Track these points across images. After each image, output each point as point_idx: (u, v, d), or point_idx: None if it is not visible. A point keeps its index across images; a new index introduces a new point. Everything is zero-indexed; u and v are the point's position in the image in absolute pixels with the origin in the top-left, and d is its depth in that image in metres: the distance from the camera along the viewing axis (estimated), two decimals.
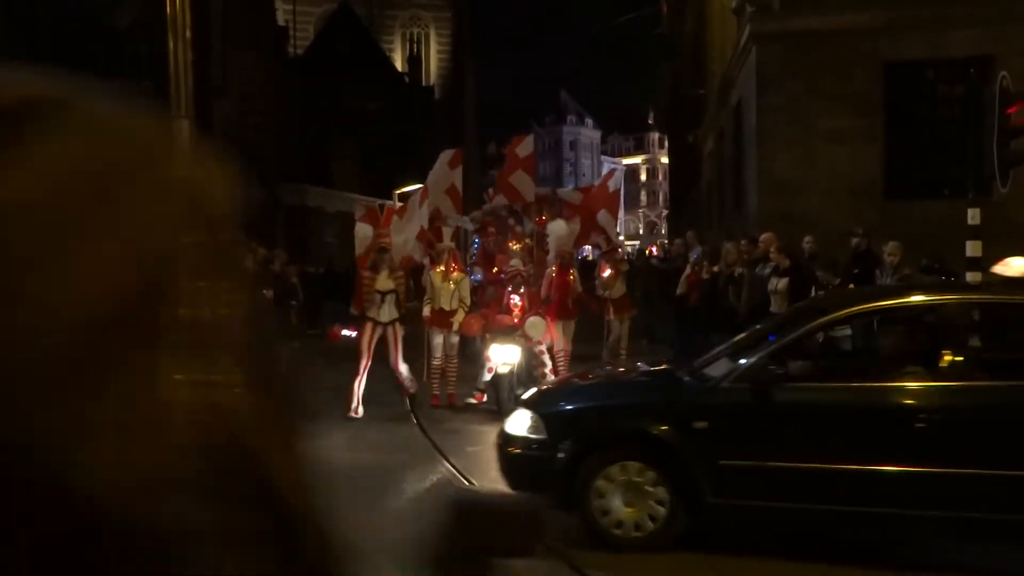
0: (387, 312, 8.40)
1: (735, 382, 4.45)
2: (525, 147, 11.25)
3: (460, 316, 8.78)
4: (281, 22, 38.29)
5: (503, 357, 8.32)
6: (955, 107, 11.59)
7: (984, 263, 8.23)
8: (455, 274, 8.97)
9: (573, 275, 9.83)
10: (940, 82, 12.65)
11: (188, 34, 13.68)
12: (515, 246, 10.04)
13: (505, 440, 4.87)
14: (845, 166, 12.57)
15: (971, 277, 8.29)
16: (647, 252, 31.63)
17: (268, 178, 26.84)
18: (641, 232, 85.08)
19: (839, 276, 8.27)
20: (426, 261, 9.71)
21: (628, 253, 12.49)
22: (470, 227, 11.85)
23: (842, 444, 4.22)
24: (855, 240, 9.26)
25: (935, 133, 12.37)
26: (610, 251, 11.18)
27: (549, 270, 9.61)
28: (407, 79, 43.77)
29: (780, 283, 8.50)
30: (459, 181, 10.96)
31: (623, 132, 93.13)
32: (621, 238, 11.43)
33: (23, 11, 21.66)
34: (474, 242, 11.68)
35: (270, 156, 27.47)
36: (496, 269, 10.48)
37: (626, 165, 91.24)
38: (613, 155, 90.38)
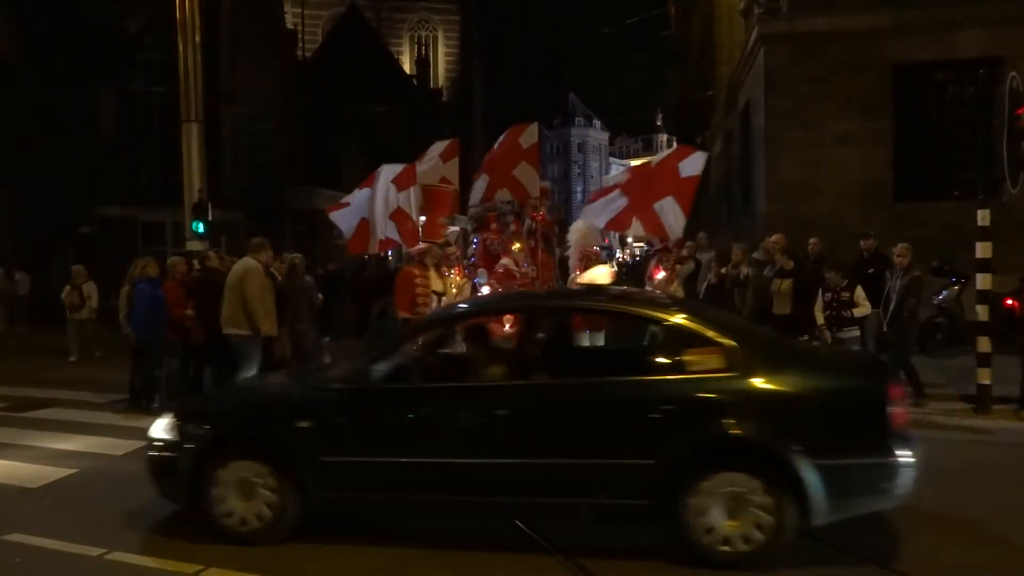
0: None
1: (337, 383, 4.82)
2: (529, 136, 9.97)
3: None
4: (290, 26, 38.47)
5: None
6: (964, 109, 11.54)
7: (994, 264, 8.19)
8: (456, 278, 8.01)
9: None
10: (949, 83, 12.61)
11: (198, 39, 13.88)
12: (516, 246, 9.30)
13: (148, 443, 5.09)
14: (854, 168, 12.54)
15: (981, 279, 8.26)
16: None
17: (277, 181, 26.92)
18: None
19: (847, 278, 8.23)
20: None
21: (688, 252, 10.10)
22: (468, 227, 11.15)
23: (426, 439, 4.58)
24: (864, 242, 9.22)
25: (944, 135, 12.32)
26: (663, 250, 9.14)
27: (572, 275, 8.48)
28: (415, 81, 43.89)
29: (784, 284, 8.49)
30: (454, 175, 9.82)
31: (631, 134, 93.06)
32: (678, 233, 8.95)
33: (37, 17, 21.82)
34: (472, 242, 10.56)
35: (279, 159, 27.57)
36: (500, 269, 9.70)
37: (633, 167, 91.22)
38: (621, 157, 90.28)
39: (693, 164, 9.25)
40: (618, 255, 60.00)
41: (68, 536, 4.92)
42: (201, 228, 13.49)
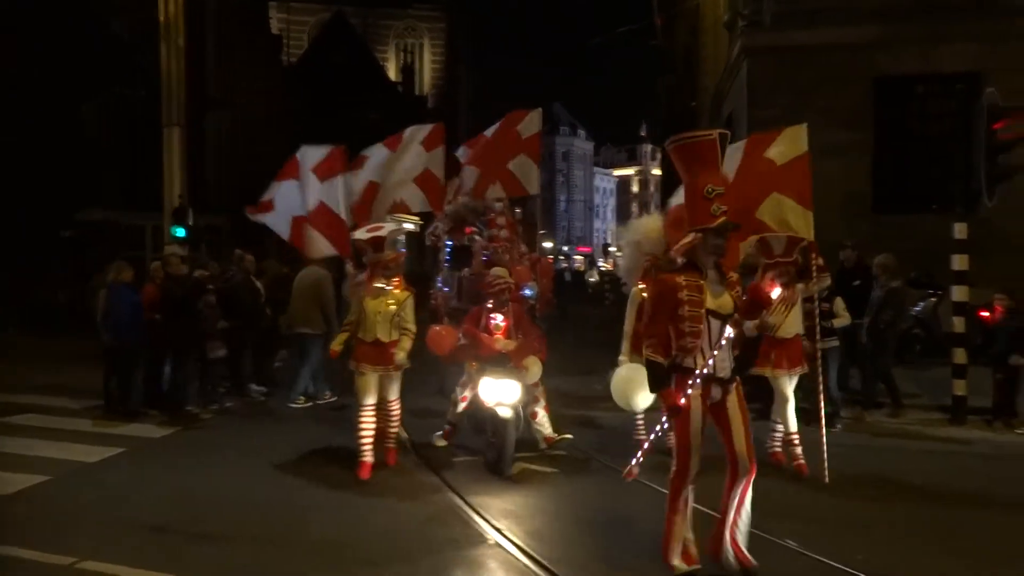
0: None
1: None
2: (530, 125, 8.83)
3: (405, 348, 6.38)
4: (275, 31, 38.36)
5: (499, 395, 6.43)
6: (944, 122, 11.69)
7: (971, 277, 8.28)
8: (397, 291, 6.48)
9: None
10: (930, 97, 12.77)
11: (181, 42, 13.81)
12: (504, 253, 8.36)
13: None
14: (836, 179, 12.62)
15: (957, 291, 8.34)
16: None
17: (262, 187, 26.76)
18: None
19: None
20: (350, 268, 7.35)
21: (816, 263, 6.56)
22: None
23: None
24: (843, 253, 9.30)
25: (925, 148, 12.47)
26: (778, 264, 6.20)
27: (634, 291, 6.54)
28: (400, 88, 43.85)
29: None
30: (439, 168, 8.27)
31: (616, 144, 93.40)
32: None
33: (20, 18, 21.61)
34: (446, 245, 9.42)
35: (263, 165, 27.42)
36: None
37: (618, 177, 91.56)
38: (605, 167, 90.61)
39: (530, 124, 8.80)
40: (600, 264, 60.11)
41: (40, 544, 4.83)
42: (181, 233, 13.38)
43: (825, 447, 6.03)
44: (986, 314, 8.59)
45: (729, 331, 4.17)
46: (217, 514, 5.46)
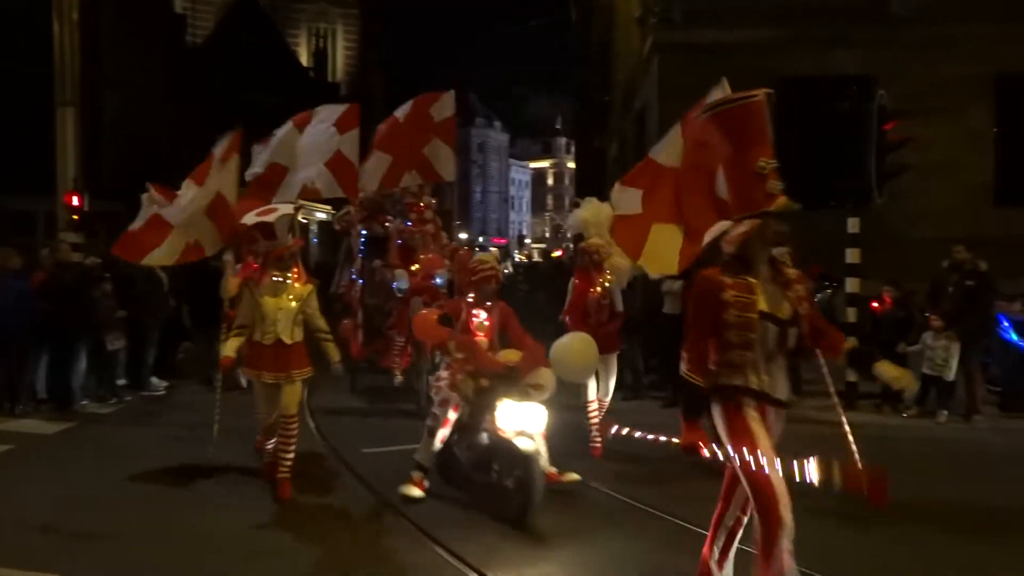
0: None
1: None
2: (443, 107, 8.44)
3: (335, 357, 5.77)
4: (179, 10, 36.80)
5: (522, 423, 5.09)
6: (838, 122, 12.27)
7: (863, 269, 8.74)
8: (297, 285, 5.58)
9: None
10: (825, 98, 13.36)
11: (75, 16, 13.05)
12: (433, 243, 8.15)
13: None
14: None
15: (850, 283, 8.80)
16: (554, 256, 32.11)
17: (163, 170, 25.66)
18: (547, 236, 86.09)
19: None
20: (228, 259, 7.04)
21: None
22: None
23: None
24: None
25: (821, 147, 13.04)
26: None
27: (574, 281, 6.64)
28: (312, 74, 42.81)
29: (676, 285, 8.77)
30: (352, 151, 7.64)
31: (532, 136, 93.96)
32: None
33: None
34: (360, 235, 9.06)
35: (165, 148, 26.30)
36: (416, 269, 8.24)
37: (533, 169, 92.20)
38: (521, 159, 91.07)
39: (443, 107, 8.50)
40: (515, 255, 60.44)
41: None
42: (75, 218, 12.70)
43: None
44: (876, 305, 9.10)
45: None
46: (109, 512, 5.24)
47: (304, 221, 35.30)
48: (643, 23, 15.70)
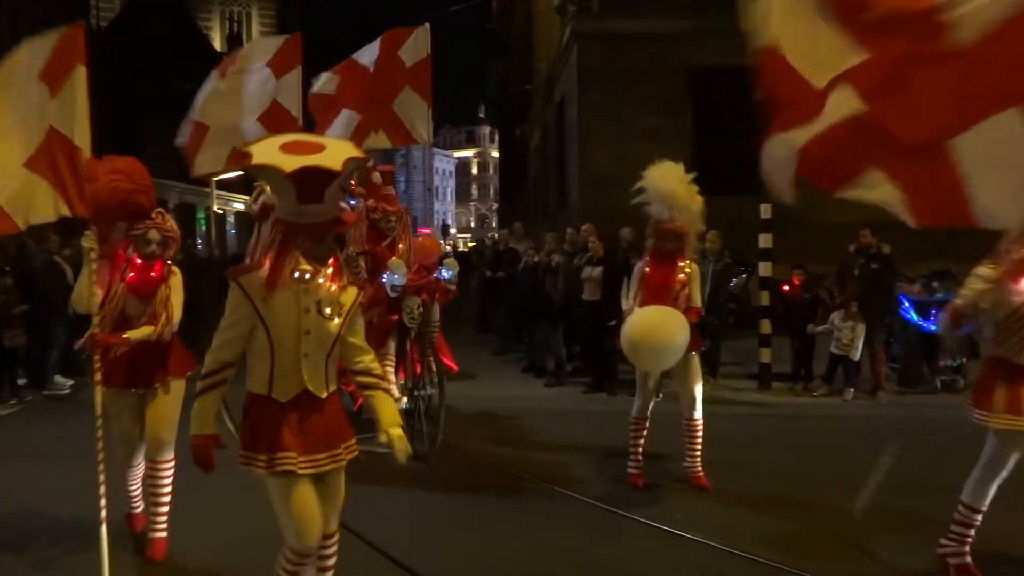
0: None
1: None
2: (415, 48, 6.63)
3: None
4: None
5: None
6: (745, 112, 12.62)
7: (774, 254, 9.03)
8: (335, 287, 2.90)
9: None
10: (733, 87, 13.71)
11: None
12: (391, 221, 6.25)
13: None
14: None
15: (763, 267, 9.08)
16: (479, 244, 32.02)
17: None
18: (472, 225, 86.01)
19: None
20: (87, 245, 3.86)
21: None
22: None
23: None
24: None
25: (734, 134, 13.40)
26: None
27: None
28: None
29: (595, 272, 8.88)
30: (293, 99, 6.18)
31: (455, 125, 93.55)
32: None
33: None
34: None
35: None
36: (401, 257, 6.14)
37: (457, 158, 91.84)
38: (445, 148, 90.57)
39: (417, 46, 6.71)
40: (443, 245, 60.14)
41: None
42: None
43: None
44: (787, 288, 9.42)
45: None
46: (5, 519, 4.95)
47: (220, 212, 34.15)
48: (562, 12, 15.78)
